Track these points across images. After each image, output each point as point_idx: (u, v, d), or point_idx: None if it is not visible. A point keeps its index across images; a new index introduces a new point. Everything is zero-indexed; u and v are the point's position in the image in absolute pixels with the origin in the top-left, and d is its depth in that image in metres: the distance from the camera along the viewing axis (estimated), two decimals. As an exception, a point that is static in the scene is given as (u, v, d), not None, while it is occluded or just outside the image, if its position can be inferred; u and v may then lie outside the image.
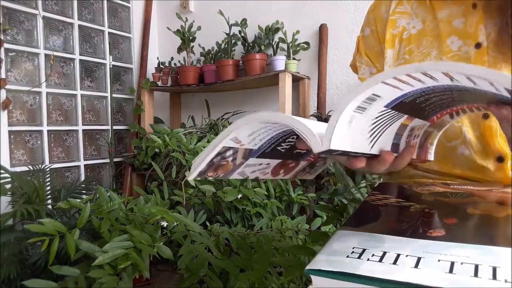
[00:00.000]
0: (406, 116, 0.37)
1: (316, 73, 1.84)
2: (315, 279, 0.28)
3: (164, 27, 2.24)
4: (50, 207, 1.35)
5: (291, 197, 1.38)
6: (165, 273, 1.63)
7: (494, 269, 0.25)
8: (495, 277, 0.24)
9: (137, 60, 2.31)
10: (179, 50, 1.99)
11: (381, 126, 0.35)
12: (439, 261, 0.27)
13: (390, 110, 0.33)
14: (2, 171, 1.27)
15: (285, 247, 0.90)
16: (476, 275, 0.24)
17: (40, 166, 1.48)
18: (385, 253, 0.29)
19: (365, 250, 0.30)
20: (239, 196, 1.25)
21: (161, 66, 2.12)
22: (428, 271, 0.25)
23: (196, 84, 1.99)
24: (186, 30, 1.92)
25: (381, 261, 0.28)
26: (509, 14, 0.51)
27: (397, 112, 0.34)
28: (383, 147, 0.38)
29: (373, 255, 0.29)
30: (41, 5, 1.81)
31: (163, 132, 1.85)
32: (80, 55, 2.00)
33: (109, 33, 2.16)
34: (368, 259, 0.28)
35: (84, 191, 1.55)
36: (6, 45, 1.66)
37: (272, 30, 1.85)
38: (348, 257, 0.29)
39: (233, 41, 1.90)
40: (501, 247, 0.28)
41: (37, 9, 1.79)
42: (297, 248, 0.80)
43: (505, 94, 0.27)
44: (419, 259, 0.27)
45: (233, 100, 2.14)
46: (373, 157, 0.38)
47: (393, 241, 0.32)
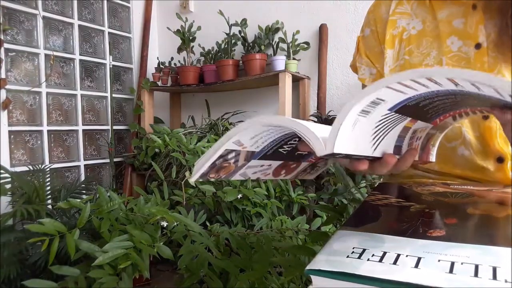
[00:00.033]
0: (409, 118, 0.37)
1: (316, 73, 1.84)
2: (315, 279, 0.28)
3: (164, 27, 2.24)
4: (50, 207, 1.35)
5: (291, 197, 1.38)
6: (165, 273, 1.63)
7: (494, 269, 0.25)
8: (495, 277, 0.24)
9: (137, 60, 2.31)
10: (179, 50, 1.99)
11: (384, 129, 0.35)
12: (439, 261, 0.27)
13: (393, 113, 0.33)
14: (2, 171, 1.27)
15: (285, 247, 0.89)
16: (476, 275, 0.24)
17: (40, 166, 1.48)
18: (385, 253, 0.29)
19: (365, 250, 0.30)
20: (239, 196, 1.25)
21: (161, 66, 2.12)
22: (428, 271, 0.25)
23: (196, 84, 1.99)
24: (186, 30, 1.92)
25: (381, 261, 0.28)
26: (509, 15, 0.51)
27: (401, 115, 0.34)
28: (385, 149, 0.38)
29: (373, 255, 0.29)
30: (41, 5, 1.81)
31: (163, 132, 1.85)
32: (80, 55, 2.00)
33: (109, 33, 2.16)
34: (368, 259, 0.28)
35: (84, 191, 1.55)
36: (6, 45, 1.66)
37: (272, 30, 1.85)
38: (348, 257, 0.29)
39: (233, 41, 1.90)
40: (501, 247, 0.28)
41: (37, 9, 1.79)
42: (297, 248, 0.80)
43: (509, 99, 0.27)
44: (419, 259, 0.27)
45: (233, 100, 2.14)
46: (376, 159, 0.38)
47: (393, 241, 0.32)
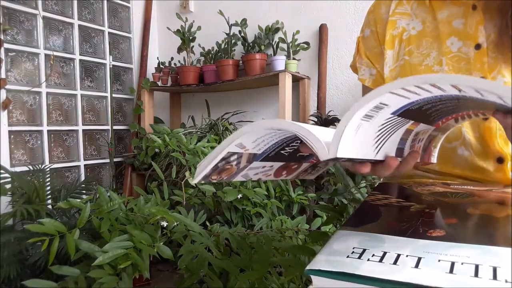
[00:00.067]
0: (411, 122, 0.37)
1: (316, 73, 1.84)
2: (315, 279, 0.28)
3: (164, 27, 2.24)
4: (50, 207, 1.35)
5: (291, 197, 1.38)
6: (165, 273, 1.63)
7: (494, 269, 0.25)
8: (495, 277, 0.24)
9: (137, 60, 2.31)
10: (179, 50, 1.99)
11: (386, 132, 0.35)
12: (439, 261, 0.27)
13: (396, 117, 0.33)
14: (2, 171, 1.27)
15: (285, 247, 0.89)
16: (476, 275, 0.24)
17: (40, 166, 1.48)
18: (385, 253, 0.29)
19: (365, 250, 0.30)
20: (239, 196, 1.25)
21: (161, 66, 2.12)
22: (428, 271, 0.25)
23: (196, 84, 1.99)
24: (186, 30, 1.92)
25: (381, 261, 0.28)
26: (509, 15, 0.51)
27: (403, 118, 0.35)
28: (388, 152, 0.38)
29: (373, 255, 0.29)
30: (41, 5, 1.81)
31: (163, 132, 1.84)
32: (80, 55, 2.00)
33: (109, 33, 2.16)
34: (368, 259, 0.28)
35: (84, 191, 1.55)
36: (6, 45, 1.66)
37: (272, 30, 1.85)
38: (348, 257, 0.29)
39: (233, 41, 1.90)
40: (501, 247, 0.28)
41: (37, 9, 1.79)
42: (297, 248, 0.80)
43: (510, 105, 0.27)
44: (420, 259, 0.27)
45: (233, 100, 2.14)
46: (378, 162, 0.38)
47: (394, 241, 0.32)
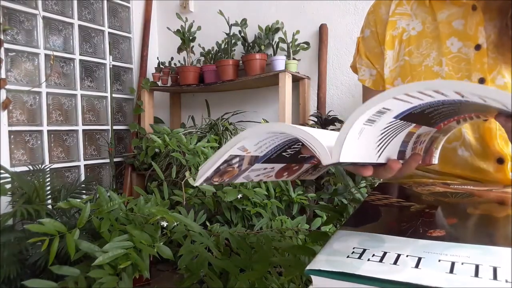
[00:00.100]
0: (414, 125, 0.37)
1: (316, 73, 1.84)
2: (315, 279, 0.28)
3: (164, 27, 2.24)
4: (50, 207, 1.35)
5: (291, 197, 1.38)
6: (165, 273, 1.63)
7: (494, 269, 0.25)
8: (495, 277, 0.24)
9: (137, 60, 2.31)
10: (179, 50, 1.99)
11: (389, 135, 0.35)
12: (439, 261, 0.27)
13: (398, 120, 0.33)
14: (2, 171, 1.27)
15: (285, 247, 0.89)
16: (476, 275, 0.24)
17: (40, 166, 1.48)
18: (385, 253, 0.29)
19: (365, 250, 0.30)
20: (239, 196, 1.25)
21: (161, 66, 2.12)
22: (428, 271, 0.25)
23: (196, 84, 1.99)
24: (186, 30, 1.92)
25: (381, 261, 0.28)
26: (509, 16, 0.51)
27: (405, 122, 0.35)
28: (390, 155, 0.38)
29: (373, 255, 0.29)
30: (41, 5, 1.81)
31: (163, 132, 1.84)
32: (80, 55, 2.00)
33: (109, 33, 2.16)
34: (368, 259, 0.28)
35: (84, 191, 1.55)
36: (6, 45, 1.66)
37: (272, 30, 1.85)
38: (348, 257, 0.29)
39: (233, 41, 1.90)
40: (501, 247, 0.28)
41: (37, 9, 1.79)
42: (297, 248, 0.80)
43: None
44: (420, 259, 0.27)
45: (233, 100, 2.14)
46: (380, 165, 0.39)
47: (394, 241, 0.32)
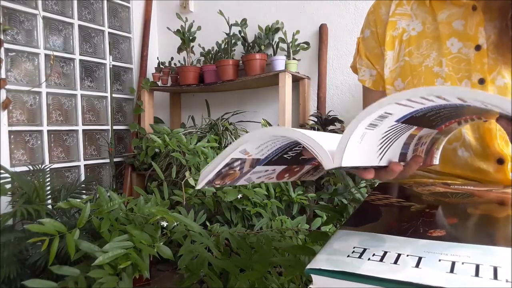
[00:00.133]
0: (415, 127, 0.37)
1: (316, 73, 1.84)
2: (315, 278, 0.28)
3: (164, 27, 2.24)
4: (50, 207, 1.35)
5: (291, 197, 1.38)
6: (165, 273, 1.63)
7: (495, 269, 0.25)
8: (496, 277, 0.24)
9: (137, 60, 2.31)
10: (179, 50, 1.99)
11: (390, 138, 0.35)
12: (440, 261, 0.27)
13: (400, 123, 0.34)
14: (2, 171, 1.27)
15: (285, 247, 0.89)
16: (477, 275, 0.24)
17: (40, 166, 1.48)
18: (386, 253, 0.29)
19: (365, 249, 0.30)
20: (239, 196, 1.25)
21: (161, 66, 2.12)
22: (429, 270, 0.25)
23: (196, 84, 1.99)
24: (186, 30, 1.92)
25: (382, 260, 0.28)
26: (509, 16, 0.51)
27: (407, 125, 0.35)
28: (391, 158, 0.38)
29: (374, 254, 0.29)
30: (41, 5, 1.81)
31: (163, 132, 1.84)
32: (80, 55, 2.00)
33: (109, 33, 2.16)
34: (369, 259, 0.28)
35: (84, 191, 1.55)
36: (6, 45, 1.66)
37: (272, 30, 1.85)
38: (348, 256, 0.29)
39: (233, 41, 1.90)
40: (501, 247, 0.28)
41: (37, 9, 1.79)
42: (297, 248, 0.80)
43: None
44: (420, 258, 0.27)
45: (233, 100, 2.14)
46: (382, 167, 0.39)
47: (394, 240, 0.32)
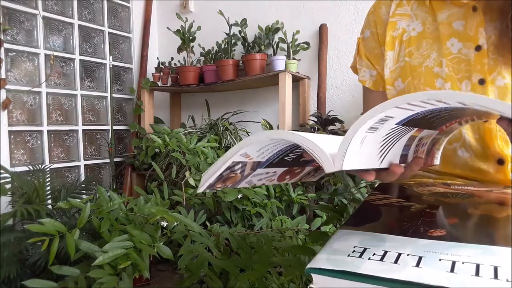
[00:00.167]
0: (415, 129, 0.37)
1: (316, 73, 1.84)
2: (316, 278, 0.28)
3: (164, 27, 2.24)
4: (50, 207, 1.35)
5: (291, 197, 1.38)
6: (165, 273, 1.63)
7: (495, 269, 0.25)
8: (496, 277, 0.24)
9: (137, 60, 2.31)
10: (179, 50, 1.99)
11: (391, 141, 0.35)
12: (440, 260, 0.27)
13: (401, 126, 0.34)
14: (2, 171, 1.27)
15: (285, 247, 0.89)
16: (477, 274, 0.24)
17: (40, 166, 1.48)
18: (386, 252, 0.29)
19: (366, 249, 0.30)
20: (239, 196, 1.25)
21: (161, 66, 2.12)
22: (429, 270, 0.26)
23: (196, 84, 1.99)
24: (186, 30, 1.92)
25: (382, 260, 0.28)
26: (509, 17, 0.51)
27: (407, 126, 0.35)
28: (392, 159, 0.38)
29: (374, 254, 0.29)
30: (41, 5, 1.81)
31: (163, 132, 1.84)
32: (80, 55, 2.00)
33: (109, 33, 2.16)
34: (369, 258, 0.28)
35: (84, 191, 1.55)
36: (6, 45, 1.66)
37: (272, 30, 1.85)
38: (349, 256, 0.29)
39: (233, 41, 1.90)
40: (502, 247, 0.28)
41: (37, 9, 1.79)
42: (297, 248, 0.80)
43: None
44: (420, 258, 0.27)
45: (233, 100, 2.14)
46: (382, 169, 0.39)
47: (394, 240, 0.32)
